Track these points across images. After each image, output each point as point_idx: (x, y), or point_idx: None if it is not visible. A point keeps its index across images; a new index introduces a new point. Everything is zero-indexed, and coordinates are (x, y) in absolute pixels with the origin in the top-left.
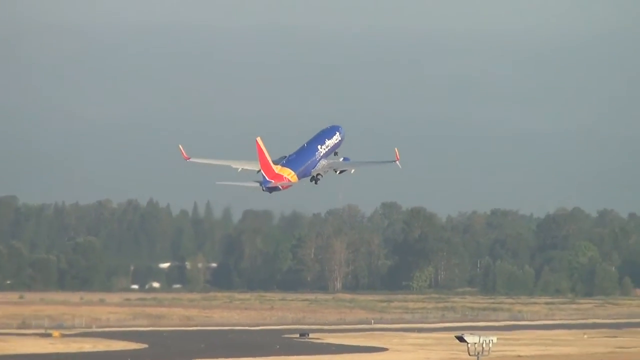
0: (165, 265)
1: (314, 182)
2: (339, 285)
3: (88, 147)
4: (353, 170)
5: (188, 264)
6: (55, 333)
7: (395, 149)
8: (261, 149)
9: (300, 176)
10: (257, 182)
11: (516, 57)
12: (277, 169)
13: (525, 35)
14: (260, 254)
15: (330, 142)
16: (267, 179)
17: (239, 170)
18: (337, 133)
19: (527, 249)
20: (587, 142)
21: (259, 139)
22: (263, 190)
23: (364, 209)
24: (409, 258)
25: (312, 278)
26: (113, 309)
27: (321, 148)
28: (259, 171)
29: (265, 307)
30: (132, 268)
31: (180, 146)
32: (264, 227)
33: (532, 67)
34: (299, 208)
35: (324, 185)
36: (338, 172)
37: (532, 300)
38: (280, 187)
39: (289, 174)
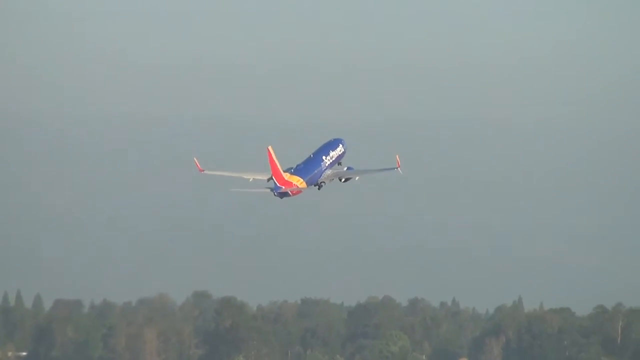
0: None
1: (317, 188)
2: None
3: None
4: (357, 178)
5: None
6: None
7: (397, 155)
8: (272, 157)
9: (308, 184)
10: (268, 188)
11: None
12: (287, 176)
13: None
14: (71, 343)
15: (334, 153)
16: (278, 185)
17: (251, 180)
18: (341, 145)
19: (338, 337)
20: (397, 229)
21: (270, 148)
22: (275, 195)
23: (175, 297)
24: (220, 347)
25: None
26: None
27: (326, 158)
28: (269, 179)
29: None
30: None
31: (195, 159)
32: (75, 316)
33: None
34: (109, 297)
35: (132, 273)
36: (343, 180)
37: None
38: (290, 192)
39: (298, 181)
